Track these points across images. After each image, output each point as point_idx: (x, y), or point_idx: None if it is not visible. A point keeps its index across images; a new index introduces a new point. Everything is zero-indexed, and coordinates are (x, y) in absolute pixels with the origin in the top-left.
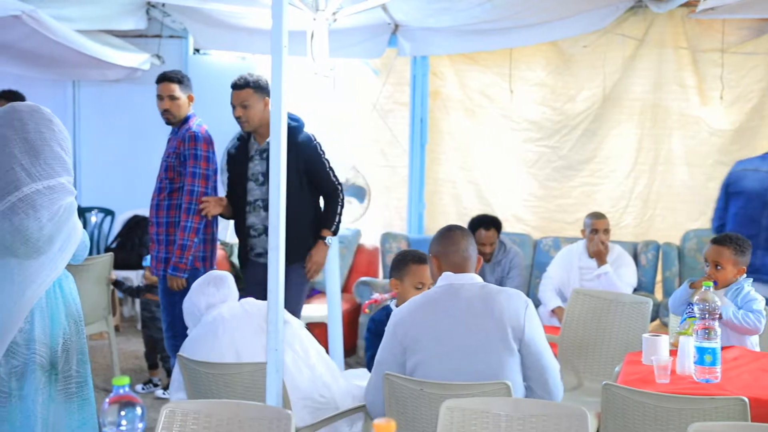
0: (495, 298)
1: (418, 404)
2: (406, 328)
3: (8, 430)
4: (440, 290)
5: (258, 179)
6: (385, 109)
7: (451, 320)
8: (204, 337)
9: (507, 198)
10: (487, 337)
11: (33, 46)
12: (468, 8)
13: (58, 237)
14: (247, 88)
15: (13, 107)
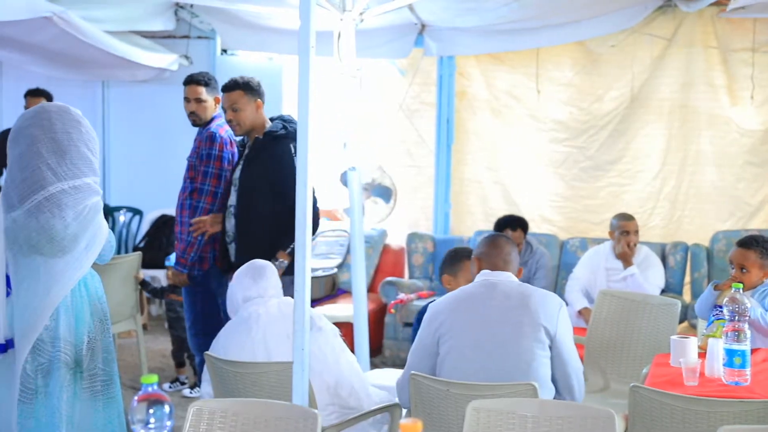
0: (531, 294)
1: (445, 405)
2: (442, 318)
3: (34, 426)
4: (477, 284)
5: (235, 184)
6: (411, 110)
7: (486, 311)
8: (237, 332)
9: (533, 198)
10: (520, 329)
11: (63, 47)
12: (495, 8)
13: (84, 236)
14: (237, 89)
15: (43, 107)
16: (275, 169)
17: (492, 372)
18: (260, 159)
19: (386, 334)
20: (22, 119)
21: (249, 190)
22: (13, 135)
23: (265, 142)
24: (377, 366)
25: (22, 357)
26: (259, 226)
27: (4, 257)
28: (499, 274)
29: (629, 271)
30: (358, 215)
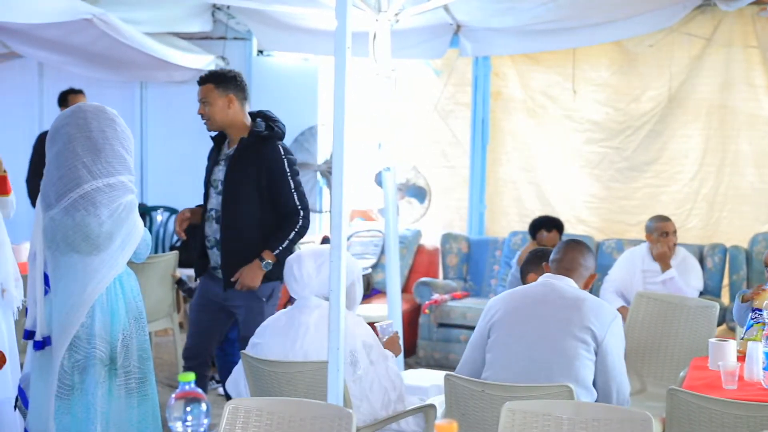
0: (587, 299)
1: (480, 405)
2: (495, 310)
3: (69, 422)
4: (536, 284)
5: (217, 187)
6: (446, 110)
7: (538, 308)
8: (281, 341)
9: (569, 199)
10: (567, 327)
11: (103, 49)
12: (531, 8)
13: (118, 234)
14: (208, 83)
15: (80, 107)
16: (265, 172)
17: (534, 365)
18: (247, 160)
19: (420, 334)
20: (59, 119)
21: (235, 193)
22: (50, 134)
23: (251, 143)
24: (411, 366)
25: (59, 354)
26: (246, 230)
27: (42, 255)
28: (560, 278)
29: (668, 274)
30: (392, 215)
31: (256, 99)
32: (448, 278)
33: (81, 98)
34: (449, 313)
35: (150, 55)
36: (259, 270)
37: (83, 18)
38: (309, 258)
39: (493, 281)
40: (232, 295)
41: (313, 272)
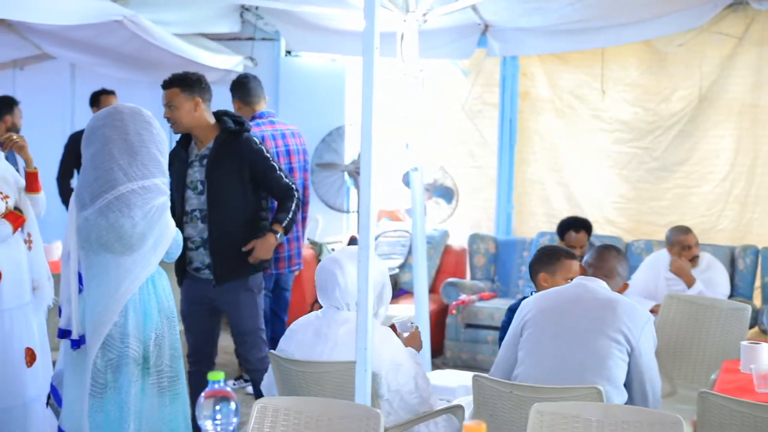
0: (620, 301)
1: (508, 406)
2: (528, 309)
3: (103, 420)
4: (570, 285)
5: (196, 188)
6: (473, 110)
7: (571, 307)
8: (306, 343)
9: (597, 200)
10: (600, 327)
11: (133, 50)
12: (559, 8)
13: (151, 235)
14: (173, 87)
15: (116, 108)
16: (246, 164)
17: (566, 364)
18: (226, 157)
19: (447, 335)
20: (96, 119)
21: (220, 190)
22: (86, 135)
23: (225, 140)
24: (438, 367)
25: (93, 352)
26: (234, 225)
27: (76, 255)
28: (594, 279)
29: (695, 289)
30: (419, 216)
31: (284, 100)
32: (476, 279)
33: (113, 99)
34: (476, 313)
35: (179, 56)
36: (274, 242)
37: (114, 19)
38: (350, 264)
39: (521, 282)
40: (223, 292)
41: (356, 278)
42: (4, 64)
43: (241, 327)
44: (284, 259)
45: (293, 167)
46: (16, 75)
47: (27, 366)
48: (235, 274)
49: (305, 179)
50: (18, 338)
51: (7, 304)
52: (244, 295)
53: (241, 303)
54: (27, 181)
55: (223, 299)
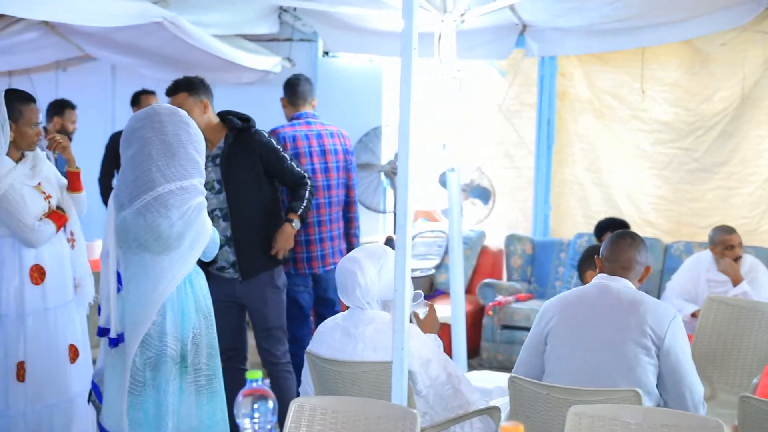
0: (643, 301)
1: (545, 408)
2: (551, 314)
3: (141, 418)
4: (591, 286)
5: (213, 187)
6: (511, 111)
7: (594, 312)
8: (335, 345)
9: (636, 201)
10: (626, 332)
11: (173, 51)
12: (598, 7)
13: (188, 234)
14: (181, 92)
15: (154, 109)
16: (258, 159)
17: (594, 372)
18: (239, 155)
19: (484, 336)
20: (134, 120)
21: (239, 188)
22: (125, 136)
23: (235, 138)
24: (474, 368)
25: (131, 351)
26: (256, 220)
27: (115, 255)
28: (615, 279)
29: (740, 288)
30: (456, 216)
31: (322, 100)
32: (512, 280)
33: (153, 99)
34: (513, 314)
35: (218, 57)
36: (291, 230)
37: (154, 21)
38: (369, 263)
39: (558, 283)
40: (249, 289)
41: (375, 277)
42: (47, 66)
43: (267, 323)
44: (317, 258)
45: (329, 167)
46: (59, 76)
47: (71, 363)
48: (260, 268)
49: (348, 179)
50: (62, 335)
51: (51, 303)
52: (270, 292)
53: (268, 300)
54: (69, 181)
55: (249, 296)
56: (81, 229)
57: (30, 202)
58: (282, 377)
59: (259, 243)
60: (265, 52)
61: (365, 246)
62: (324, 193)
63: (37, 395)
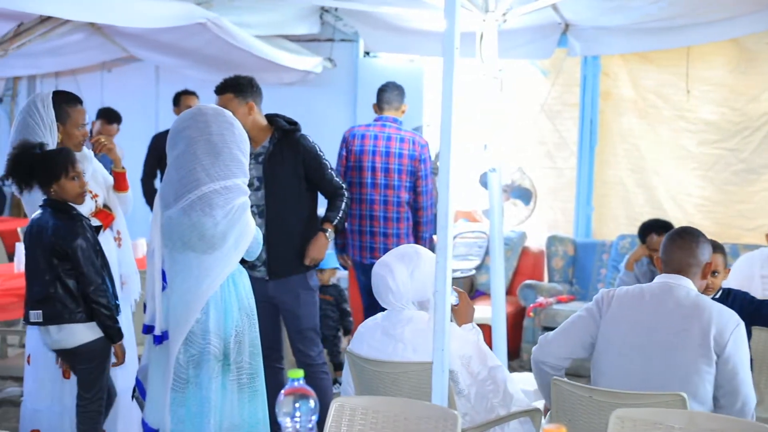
0: (707, 305)
1: (587, 411)
2: (609, 305)
3: (184, 414)
4: (654, 285)
5: (253, 184)
6: (553, 111)
7: (655, 314)
8: (376, 346)
9: (680, 202)
10: (687, 339)
11: (215, 52)
12: (642, 6)
13: (231, 234)
14: (227, 92)
15: (200, 110)
16: (301, 162)
17: (651, 378)
18: (283, 155)
19: (524, 337)
20: (180, 121)
21: (279, 187)
22: (171, 136)
23: (281, 139)
24: (515, 370)
25: (175, 348)
26: (290, 221)
27: (160, 253)
28: (678, 278)
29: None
30: (497, 217)
31: (363, 100)
32: (554, 281)
33: (193, 100)
34: (554, 316)
35: (260, 58)
36: (326, 241)
37: (198, 22)
38: (399, 266)
39: (600, 285)
40: (283, 290)
41: (408, 279)
42: (92, 67)
43: (300, 324)
44: (365, 249)
45: (389, 167)
46: (104, 77)
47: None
48: (289, 270)
49: (417, 184)
50: None
51: None
52: (303, 293)
53: (300, 301)
54: (115, 181)
55: (282, 297)
56: (127, 228)
57: None
58: (318, 378)
59: (291, 245)
60: (306, 53)
61: (398, 248)
62: (381, 191)
63: None
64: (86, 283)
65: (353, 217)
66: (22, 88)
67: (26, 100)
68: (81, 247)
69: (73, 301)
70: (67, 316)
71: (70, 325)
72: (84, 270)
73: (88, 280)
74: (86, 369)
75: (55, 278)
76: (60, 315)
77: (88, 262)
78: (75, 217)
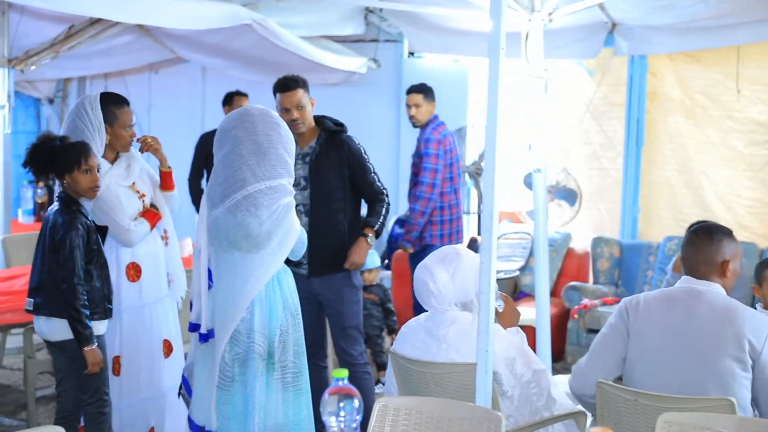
0: (739, 310)
1: (633, 415)
2: (637, 313)
3: (229, 412)
4: (680, 290)
5: (299, 183)
6: (599, 111)
7: (687, 320)
8: (419, 346)
9: (729, 203)
10: (722, 344)
11: (261, 53)
12: (691, 4)
13: (276, 233)
14: (299, 88)
15: (247, 110)
16: (346, 163)
17: (689, 384)
18: (329, 155)
19: (569, 339)
20: (227, 121)
21: (324, 187)
22: (218, 136)
23: (327, 139)
24: (559, 372)
25: (221, 346)
26: (334, 221)
27: (206, 252)
28: (704, 283)
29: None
30: (542, 218)
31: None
32: (599, 283)
33: (245, 101)
34: (599, 318)
35: (305, 58)
36: (366, 245)
37: (243, 23)
38: (439, 268)
39: (647, 287)
40: (327, 288)
41: (448, 282)
42: (140, 68)
43: (343, 322)
44: (435, 237)
45: (460, 172)
46: (152, 78)
47: (164, 357)
48: (329, 269)
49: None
50: (157, 331)
51: (147, 299)
52: (347, 291)
53: (344, 298)
54: (161, 180)
55: (326, 294)
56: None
57: (125, 202)
58: (360, 378)
59: (334, 244)
60: (351, 53)
61: (440, 249)
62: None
63: (132, 389)
64: (61, 280)
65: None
66: (72, 89)
67: (75, 102)
68: (68, 242)
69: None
70: (53, 310)
71: (56, 319)
72: (63, 266)
73: (62, 276)
74: (73, 369)
75: (48, 270)
76: (48, 307)
77: (69, 259)
78: (74, 212)
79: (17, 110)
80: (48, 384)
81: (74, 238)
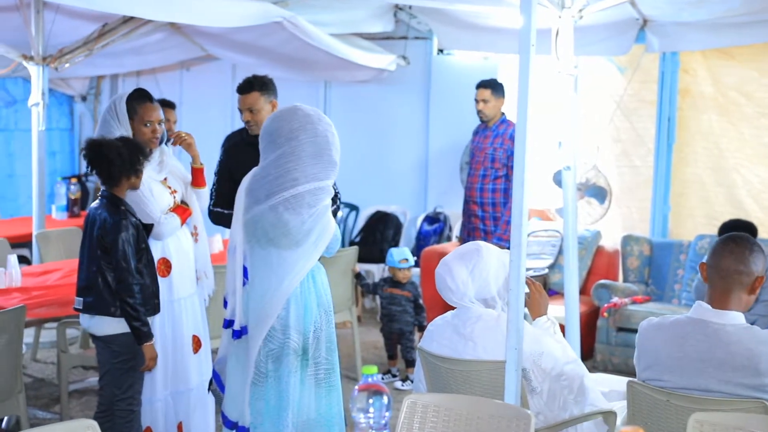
0: (762, 354)
1: (664, 415)
2: (644, 343)
3: (263, 408)
4: (692, 323)
5: None
6: (629, 108)
7: (700, 366)
8: (446, 344)
9: (763, 202)
10: (741, 391)
11: (291, 50)
12: (724, 0)
13: (314, 231)
14: (253, 91)
15: (303, 110)
16: None
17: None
18: None
19: (598, 338)
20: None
21: None
22: (270, 134)
23: None
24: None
25: (256, 343)
26: None
27: (242, 249)
28: (721, 315)
29: None
30: (571, 216)
31: (437, 97)
32: (629, 281)
33: None
34: (629, 317)
35: (334, 56)
36: None
37: (274, 21)
38: (458, 265)
39: (677, 286)
40: None
41: (468, 279)
42: (172, 66)
43: None
44: None
45: None
46: (183, 75)
47: (193, 353)
48: None
49: None
50: (186, 326)
51: (177, 294)
52: None
53: None
54: (193, 177)
55: None
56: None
57: (157, 197)
58: None
59: None
60: (381, 51)
61: (463, 245)
62: None
63: (161, 384)
64: (116, 280)
65: None
66: (105, 86)
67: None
68: (120, 243)
69: (110, 294)
70: (103, 309)
71: (103, 316)
72: (117, 265)
73: (118, 276)
74: (115, 364)
75: (97, 270)
76: (97, 306)
77: (122, 258)
78: (123, 213)
79: (51, 108)
80: (81, 378)
81: (126, 238)
